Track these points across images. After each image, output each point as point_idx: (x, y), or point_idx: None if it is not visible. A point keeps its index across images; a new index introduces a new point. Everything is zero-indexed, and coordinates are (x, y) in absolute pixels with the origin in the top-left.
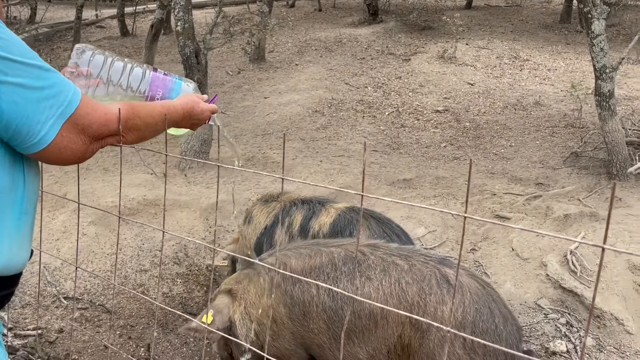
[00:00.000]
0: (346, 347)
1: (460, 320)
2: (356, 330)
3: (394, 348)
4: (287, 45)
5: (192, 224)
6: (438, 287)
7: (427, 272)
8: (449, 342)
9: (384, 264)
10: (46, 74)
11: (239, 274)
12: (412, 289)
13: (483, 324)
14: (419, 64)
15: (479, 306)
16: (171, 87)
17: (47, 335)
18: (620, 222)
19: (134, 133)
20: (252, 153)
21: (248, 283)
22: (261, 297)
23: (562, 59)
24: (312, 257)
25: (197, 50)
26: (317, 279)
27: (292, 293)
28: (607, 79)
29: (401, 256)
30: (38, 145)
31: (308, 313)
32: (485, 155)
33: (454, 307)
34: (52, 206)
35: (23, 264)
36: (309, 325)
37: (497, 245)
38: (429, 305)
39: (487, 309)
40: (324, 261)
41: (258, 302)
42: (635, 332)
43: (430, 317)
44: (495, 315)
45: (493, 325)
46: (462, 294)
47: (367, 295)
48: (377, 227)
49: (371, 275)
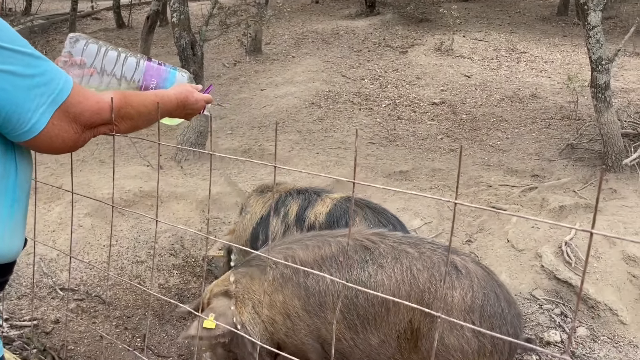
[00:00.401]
0: (360, 334)
1: (470, 304)
2: (369, 317)
3: (404, 333)
4: (283, 37)
5: (188, 215)
6: (448, 274)
7: (436, 259)
8: (459, 327)
9: (395, 252)
10: (37, 62)
11: (232, 274)
12: (423, 276)
13: (490, 308)
14: (416, 56)
15: (486, 291)
16: (165, 76)
17: (43, 326)
18: (615, 214)
19: (126, 122)
20: (249, 145)
21: (250, 282)
22: (272, 294)
23: (559, 52)
24: (320, 247)
25: (193, 41)
26: (330, 269)
27: (306, 284)
28: (603, 71)
29: (410, 244)
30: (29, 134)
31: (324, 303)
32: (482, 148)
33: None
34: (48, 198)
35: (16, 252)
36: (326, 316)
37: (493, 237)
38: (439, 290)
39: (493, 294)
40: (334, 250)
41: (269, 300)
42: (629, 322)
43: (441, 302)
44: (500, 300)
45: (499, 309)
46: (470, 279)
47: (380, 282)
48: (373, 217)
49: (383, 263)
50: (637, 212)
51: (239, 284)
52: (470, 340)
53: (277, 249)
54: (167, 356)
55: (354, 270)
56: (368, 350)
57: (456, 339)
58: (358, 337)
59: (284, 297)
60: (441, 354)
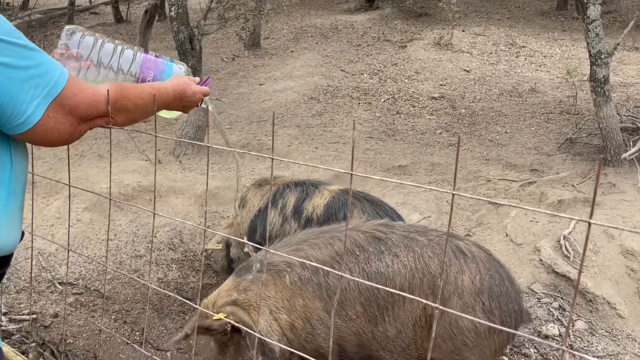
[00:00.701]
0: (379, 326)
1: (479, 286)
2: (388, 307)
3: (419, 320)
4: (282, 32)
5: (187, 210)
6: (456, 259)
7: (444, 244)
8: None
9: (406, 241)
10: (31, 54)
11: (238, 282)
12: (434, 262)
13: (497, 288)
14: (415, 50)
15: (492, 272)
16: (162, 69)
17: (42, 319)
18: (613, 208)
19: (123, 114)
20: (247, 140)
21: (265, 286)
22: (291, 299)
23: (558, 46)
24: (332, 244)
25: (192, 35)
26: (349, 263)
27: (327, 284)
28: (602, 65)
29: (418, 232)
30: (24, 126)
31: (346, 300)
32: (481, 142)
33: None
34: (47, 192)
35: (13, 244)
36: (347, 313)
37: (492, 231)
38: (450, 275)
39: (498, 274)
40: (348, 245)
41: (288, 305)
42: (627, 315)
43: (452, 286)
44: (504, 279)
45: (505, 288)
46: (476, 262)
47: (397, 271)
48: (370, 210)
49: (398, 252)
50: (635, 206)
51: (249, 292)
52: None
53: (285, 250)
54: (166, 349)
55: (372, 262)
56: (384, 342)
57: (469, 321)
58: (377, 329)
59: (304, 300)
60: (456, 337)
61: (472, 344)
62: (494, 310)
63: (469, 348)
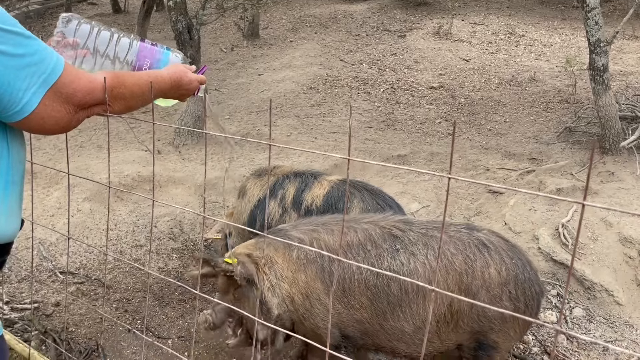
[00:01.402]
0: (389, 321)
1: (505, 277)
2: (403, 305)
3: (444, 317)
4: (281, 22)
5: (187, 200)
6: (480, 252)
7: (466, 239)
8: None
9: (425, 239)
10: (27, 41)
11: (255, 242)
12: (458, 259)
13: (521, 275)
14: (414, 40)
15: (515, 260)
16: (159, 57)
17: (44, 308)
18: (612, 196)
19: (120, 102)
20: (247, 130)
21: (274, 253)
22: (295, 272)
23: (558, 35)
24: (346, 233)
25: (190, 25)
26: (357, 256)
27: (330, 270)
28: (601, 53)
29: (437, 228)
30: (20, 114)
31: (349, 289)
32: (480, 131)
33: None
34: (47, 183)
35: (12, 233)
36: (350, 302)
37: (490, 220)
38: (476, 270)
39: (520, 261)
40: (361, 238)
41: (291, 277)
42: (624, 303)
43: (479, 280)
44: (525, 265)
45: (527, 274)
46: (499, 253)
47: (413, 270)
48: (370, 199)
49: (415, 251)
50: (634, 194)
51: (260, 252)
52: (507, 308)
53: (303, 228)
54: (167, 337)
55: (384, 259)
56: (399, 336)
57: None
58: (387, 323)
59: (306, 277)
60: (483, 324)
61: (497, 328)
62: (519, 297)
63: (495, 332)
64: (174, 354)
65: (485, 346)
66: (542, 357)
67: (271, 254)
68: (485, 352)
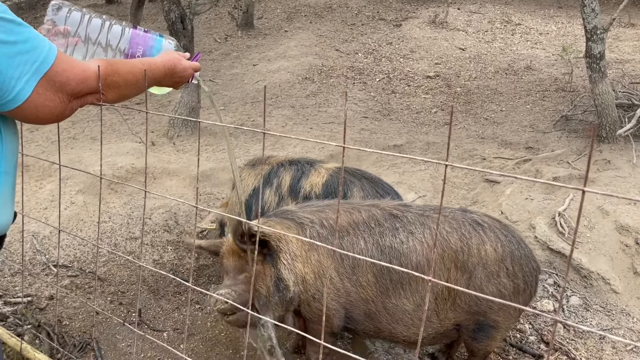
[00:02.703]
0: (392, 299)
1: (501, 253)
2: (403, 283)
3: (441, 293)
4: (276, 12)
5: (181, 191)
6: (475, 231)
7: (460, 219)
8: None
9: (421, 219)
10: (19, 29)
11: (267, 219)
12: (454, 237)
13: (517, 251)
14: (410, 29)
15: (509, 237)
16: (152, 44)
17: (37, 302)
18: (608, 184)
19: (113, 91)
20: (242, 121)
21: (287, 231)
22: (308, 251)
23: (554, 23)
24: (351, 213)
25: (183, 15)
26: (363, 233)
27: (341, 246)
28: (598, 41)
29: (432, 210)
30: (13, 103)
31: (357, 266)
32: (476, 120)
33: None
34: (39, 175)
35: (5, 225)
36: (358, 279)
37: (487, 209)
38: (472, 248)
39: (514, 239)
40: (365, 217)
41: (305, 256)
42: (621, 291)
43: (475, 258)
44: (520, 241)
45: (522, 251)
46: (493, 231)
47: (412, 248)
48: (370, 188)
49: (413, 230)
50: (630, 183)
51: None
52: (506, 285)
53: (309, 209)
54: (162, 330)
55: (386, 237)
56: (400, 315)
57: (494, 287)
58: (389, 301)
59: (318, 255)
60: (484, 302)
61: (497, 307)
62: (517, 273)
63: (495, 311)
64: (168, 347)
65: (485, 327)
66: (539, 346)
67: (284, 231)
68: (486, 333)
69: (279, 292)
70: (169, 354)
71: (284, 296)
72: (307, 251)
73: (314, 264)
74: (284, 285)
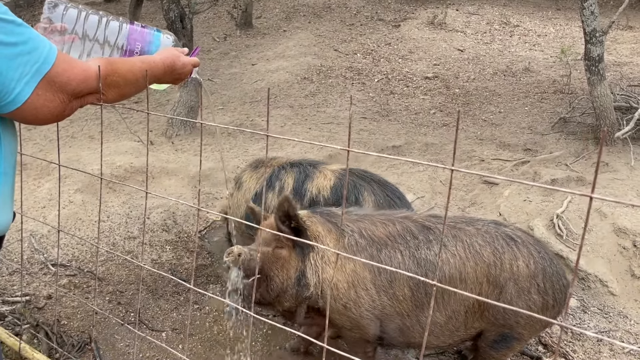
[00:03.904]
0: (425, 312)
1: (533, 269)
2: (437, 296)
3: (472, 306)
4: (274, 11)
5: (180, 191)
6: (508, 246)
7: (493, 232)
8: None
9: (454, 231)
10: (19, 29)
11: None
12: (487, 250)
13: (549, 268)
14: (409, 30)
15: (542, 254)
16: (150, 40)
17: (36, 301)
18: (606, 187)
19: (114, 90)
20: (240, 120)
21: (327, 233)
22: (344, 259)
23: (552, 25)
24: (387, 224)
25: (182, 14)
26: (399, 246)
27: (379, 259)
28: (597, 43)
29: (465, 222)
30: (12, 104)
31: (395, 280)
32: (474, 122)
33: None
34: (38, 174)
35: (5, 225)
36: (395, 292)
37: (485, 210)
38: (505, 262)
39: (547, 255)
40: (400, 230)
41: (339, 263)
42: (618, 293)
43: (508, 273)
44: (552, 258)
45: (555, 267)
46: (526, 247)
47: (445, 260)
48: (380, 192)
49: (446, 242)
50: (628, 185)
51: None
52: (536, 301)
53: (351, 217)
54: (160, 330)
55: (422, 249)
56: (431, 328)
57: (524, 302)
58: (423, 314)
59: (355, 265)
60: (511, 317)
61: (524, 322)
62: (547, 290)
63: (521, 325)
64: (167, 347)
65: (509, 338)
66: (537, 348)
67: (324, 233)
68: (507, 344)
69: (298, 287)
70: (167, 354)
71: (301, 292)
72: (344, 259)
73: (349, 273)
74: (305, 282)
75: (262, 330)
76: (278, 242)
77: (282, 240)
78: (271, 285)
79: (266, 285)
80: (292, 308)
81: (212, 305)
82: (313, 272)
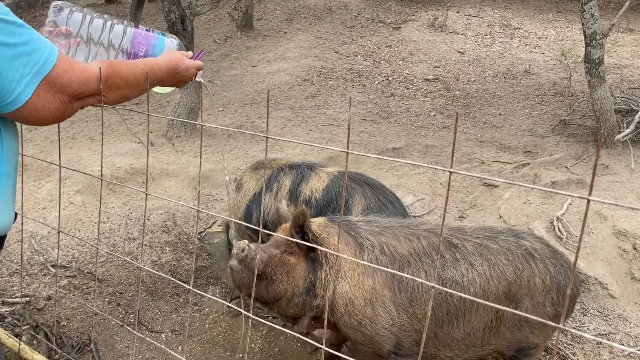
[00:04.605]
0: (444, 329)
1: (549, 284)
2: (459, 314)
3: (490, 323)
4: (275, 13)
5: (180, 192)
6: (527, 262)
7: (514, 249)
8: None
9: (480, 249)
10: (20, 30)
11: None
12: (509, 269)
13: (564, 282)
14: (410, 32)
15: (558, 268)
16: (154, 43)
17: (35, 302)
18: (606, 189)
19: (115, 92)
20: (241, 122)
21: (345, 247)
22: (362, 275)
23: (553, 27)
24: (411, 240)
25: (183, 16)
26: (424, 264)
27: (400, 277)
28: (597, 46)
29: (488, 238)
30: (13, 105)
31: (416, 299)
32: (475, 124)
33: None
34: (38, 175)
35: (6, 226)
36: (415, 311)
37: (485, 213)
38: (523, 280)
39: (562, 268)
40: (425, 246)
41: (357, 279)
42: (618, 296)
43: (525, 289)
44: (567, 270)
45: (569, 280)
46: (543, 262)
47: (471, 280)
48: (372, 195)
49: (473, 261)
50: (628, 188)
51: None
52: (549, 313)
53: (369, 229)
54: (160, 331)
55: (448, 269)
56: (447, 342)
57: (538, 316)
58: (442, 331)
59: (374, 282)
60: (525, 329)
61: (538, 331)
62: (560, 302)
63: (535, 334)
64: (166, 349)
65: (526, 349)
66: None
67: (342, 246)
68: (526, 353)
69: (307, 296)
70: (167, 355)
71: (309, 302)
72: (361, 274)
73: (367, 290)
74: (314, 294)
75: (262, 331)
76: (288, 248)
77: (292, 247)
78: (271, 287)
79: (266, 285)
80: (296, 315)
81: (212, 306)
82: (323, 285)
